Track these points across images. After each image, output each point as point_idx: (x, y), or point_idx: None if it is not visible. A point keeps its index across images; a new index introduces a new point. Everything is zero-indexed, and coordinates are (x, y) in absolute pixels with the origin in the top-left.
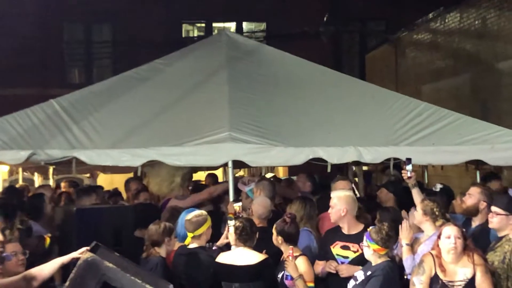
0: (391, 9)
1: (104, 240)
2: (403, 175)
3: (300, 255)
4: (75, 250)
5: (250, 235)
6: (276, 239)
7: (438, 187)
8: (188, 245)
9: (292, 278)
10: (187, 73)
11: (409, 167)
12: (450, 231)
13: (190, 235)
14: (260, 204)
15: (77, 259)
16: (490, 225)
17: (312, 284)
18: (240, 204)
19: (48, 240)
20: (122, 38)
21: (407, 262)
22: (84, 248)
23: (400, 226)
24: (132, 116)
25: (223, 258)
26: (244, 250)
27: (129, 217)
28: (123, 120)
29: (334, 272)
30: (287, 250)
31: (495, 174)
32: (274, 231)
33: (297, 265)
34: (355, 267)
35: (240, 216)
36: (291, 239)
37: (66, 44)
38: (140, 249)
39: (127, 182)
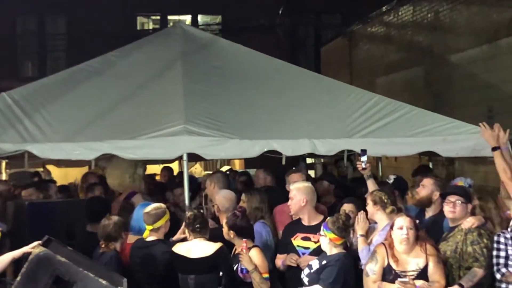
0: (346, 3)
1: (56, 235)
2: (357, 166)
3: (253, 246)
4: (27, 244)
5: (203, 224)
6: (228, 234)
7: (392, 178)
8: (146, 238)
9: (247, 271)
10: (142, 65)
11: (363, 158)
12: (402, 222)
13: (148, 227)
14: (225, 197)
15: (29, 253)
16: (450, 215)
17: (267, 275)
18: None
19: None
20: (76, 30)
21: (363, 253)
22: (36, 243)
23: (356, 217)
24: (86, 109)
25: (178, 249)
26: (198, 241)
27: (82, 211)
28: (76, 113)
29: (295, 265)
30: (240, 244)
31: (427, 166)
32: (225, 225)
33: (251, 257)
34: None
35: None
36: (243, 232)
37: (19, 37)
38: (92, 243)
39: (84, 176)
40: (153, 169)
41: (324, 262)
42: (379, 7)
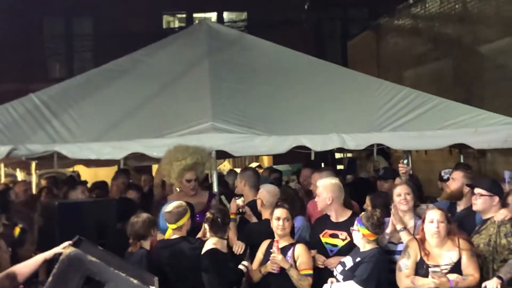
0: None
1: (87, 234)
2: (399, 169)
3: (296, 242)
4: (58, 245)
5: (220, 226)
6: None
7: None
8: (169, 237)
9: (278, 270)
10: (168, 64)
11: (405, 161)
12: (433, 215)
13: (171, 226)
14: (268, 192)
15: (60, 254)
16: (474, 207)
17: (310, 271)
18: (242, 198)
19: (17, 230)
20: (103, 30)
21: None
22: (66, 243)
23: (391, 211)
24: (114, 109)
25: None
26: (210, 240)
27: (112, 210)
28: (104, 113)
29: (323, 267)
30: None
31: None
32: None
33: (298, 253)
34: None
35: (243, 211)
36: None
37: (47, 38)
38: (124, 241)
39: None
40: None
41: (358, 259)
42: (406, 0)
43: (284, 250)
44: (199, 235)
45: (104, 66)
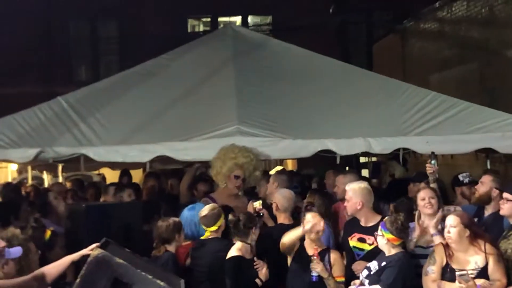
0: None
1: (113, 237)
2: (427, 169)
3: (328, 248)
4: (85, 247)
5: (240, 229)
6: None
7: None
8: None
9: (316, 278)
10: (193, 67)
11: (433, 162)
12: (447, 221)
13: (210, 229)
14: (284, 196)
15: (88, 256)
16: (501, 212)
17: (343, 279)
18: (260, 201)
19: (48, 233)
20: (128, 34)
21: None
22: (94, 245)
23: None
24: (139, 112)
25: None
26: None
27: (138, 213)
28: (130, 116)
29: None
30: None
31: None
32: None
33: (332, 260)
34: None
35: (261, 214)
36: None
37: (72, 41)
38: (149, 244)
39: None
40: None
41: (383, 263)
42: (432, 3)
43: (319, 256)
44: None
45: (130, 69)
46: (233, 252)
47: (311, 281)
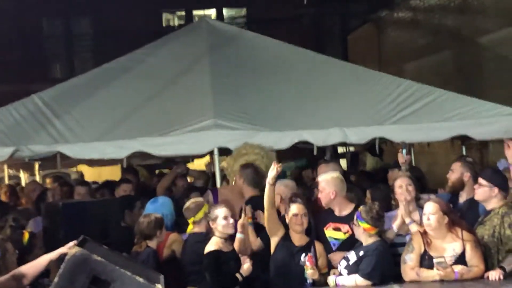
0: None
1: (91, 234)
2: (398, 158)
3: (312, 240)
4: (63, 245)
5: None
6: None
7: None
8: (189, 232)
9: (313, 284)
10: (169, 62)
11: (404, 151)
12: (425, 208)
13: (190, 220)
14: (286, 186)
15: (66, 254)
16: (476, 197)
17: (326, 270)
18: (249, 206)
19: (26, 236)
20: (102, 30)
21: None
22: (71, 243)
23: (400, 204)
24: (115, 108)
25: None
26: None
27: (116, 209)
28: (106, 112)
29: None
30: None
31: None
32: None
33: (317, 252)
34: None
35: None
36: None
37: (46, 39)
38: (129, 240)
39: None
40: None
41: (361, 253)
42: None
43: (305, 249)
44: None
45: (105, 65)
46: (211, 246)
47: (296, 272)
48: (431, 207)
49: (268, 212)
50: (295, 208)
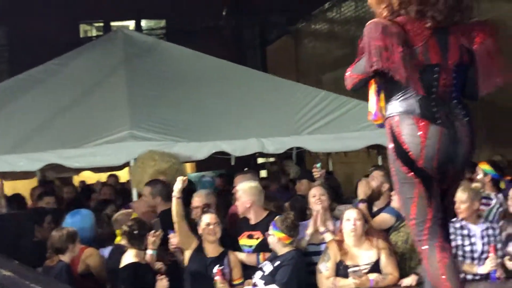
0: (291, 1)
1: (2, 248)
2: (314, 173)
3: (226, 250)
4: None
5: (136, 237)
6: None
7: None
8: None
9: None
10: (84, 72)
11: (318, 165)
12: (350, 214)
13: (119, 231)
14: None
15: None
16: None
17: (240, 280)
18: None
19: None
20: (18, 41)
21: None
22: None
23: (313, 213)
24: (28, 120)
25: None
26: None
27: (27, 223)
28: (18, 124)
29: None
30: None
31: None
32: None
33: (231, 263)
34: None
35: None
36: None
37: None
38: (42, 254)
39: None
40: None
41: (277, 263)
42: (323, 4)
43: (218, 260)
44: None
45: (17, 76)
46: (129, 259)
47: (210, 285)
48: (355, 213)
49: (178, 225)
50: (207, 218)
